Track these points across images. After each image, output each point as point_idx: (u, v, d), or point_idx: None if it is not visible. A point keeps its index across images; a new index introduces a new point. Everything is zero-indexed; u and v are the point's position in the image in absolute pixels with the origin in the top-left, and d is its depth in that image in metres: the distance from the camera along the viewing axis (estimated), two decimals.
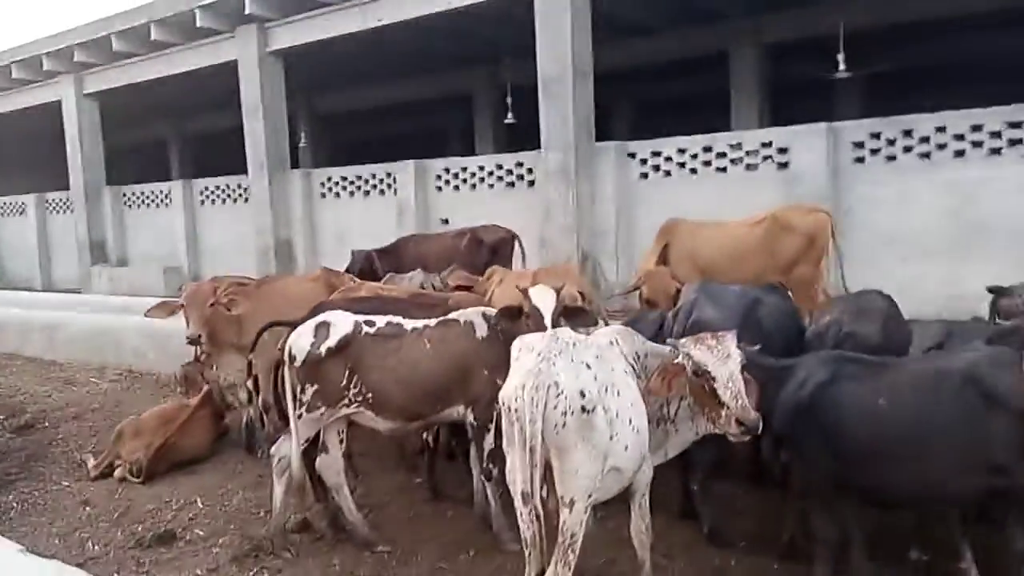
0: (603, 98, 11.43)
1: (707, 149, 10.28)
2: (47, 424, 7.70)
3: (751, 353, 3.68)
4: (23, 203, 20.70)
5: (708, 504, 4.60)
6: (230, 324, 6.01)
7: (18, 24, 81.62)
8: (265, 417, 6.16)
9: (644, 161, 10.76)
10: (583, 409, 3.22)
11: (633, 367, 3.72)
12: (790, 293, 5.85)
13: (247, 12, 13.59)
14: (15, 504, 5.71)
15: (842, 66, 13.60)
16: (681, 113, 20.40)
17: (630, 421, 3.48)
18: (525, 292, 4.47)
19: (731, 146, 10.11)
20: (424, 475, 5.43)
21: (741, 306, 4.74)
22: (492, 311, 4.60)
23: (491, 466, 4.53)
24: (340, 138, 24.89)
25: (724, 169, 10.17)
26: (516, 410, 3.25)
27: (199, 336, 5.90)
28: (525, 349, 3.47)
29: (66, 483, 6.10)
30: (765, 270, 6.92)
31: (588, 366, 3.37)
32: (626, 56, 16.03)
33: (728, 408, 3.44)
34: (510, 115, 15.04)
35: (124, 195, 18.25)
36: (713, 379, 3.48)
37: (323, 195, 14.53)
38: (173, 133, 26.35)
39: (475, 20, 13.14)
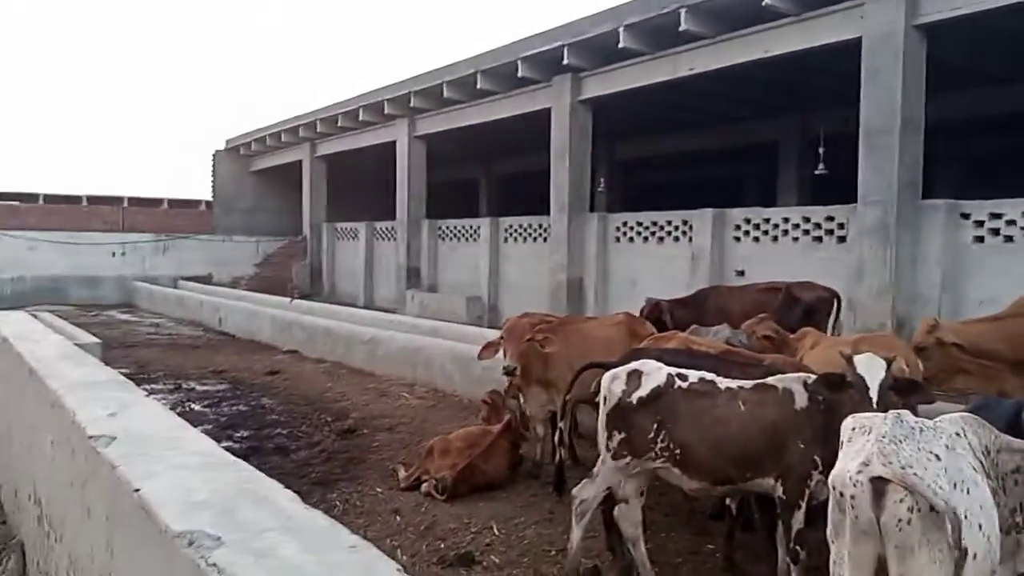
0: (930, 152, 10.46)
1: None
2: (366, 431, 8.53)
3: None
4: (356, 229, 23.66)
5: None
6: (540, 360, 6.26)
7: (364, 72, 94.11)
8: (562, 452, 6.34)
9: (980, 223, 9.63)
10: (932, 508, 2.88)
11: (982, 463, 3.26)
12: None
13: (564, 63, 14.43)
14: (338, 503, 6.32)
15: None
16: (1022, 172, 18.02)
17: (980, 527, 3.04)
18: (850, 359, 4.11)
19: None
20: (719, 543, 5.21)
21: None
22: (812, 379, 4.31)
23: (798, 547, 4.22)
24: (636, 183, 25.35)
25: None
26: (852, 497, 2.98)
27: (514, 368, 6.12)
28: (860, 429, 3.18)
29: (379, 490, 6.65)
30: None
31: (937, 457, 3.00)
32: (961, 107, 14.53)
33: None
34: (821, 166, 14.26)
35: (439, 228, 20.10)
36: None
37: (617, 239, 14.83)
38: (483, 173, 28.61)
39: (790, 68, 12.74)
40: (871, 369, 4.05)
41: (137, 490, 2.49)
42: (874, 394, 3.96)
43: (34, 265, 24.49)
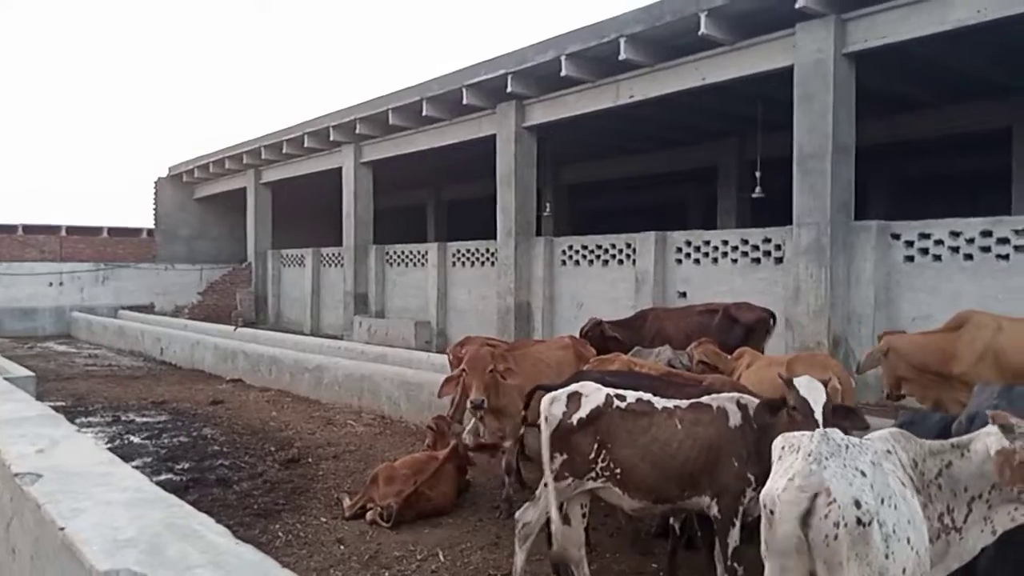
0: (861, 174, 10.84)
1: (986, 234, 9.32)
2: (310, 460, 8.43)
3: None
4: (302, 256, 23.42)
5: None
6: (495, 388, 6.24)
7: (308, 99, 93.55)
8: (507, 478, 6.35)
9: (910, 243, 9.99)
10: (858, 521, 2.96)
11: (911, 477, 3.38)
12: None
13: (508, 90, 14.60)
14: (280, 534, 6.22)
15: None
16: (947, 192, 18.80)
17: (908, 540, 3.15)
18: (789, 382, 4.23)
19: (1017, 232, 9.08)
20: (663, 562, 5.27)
21: None
22: (748, 399, 4.42)
23: (735, 564, 4.31)
24: (582, 207, 25.67)
25: (1006, 256, 9.14)
26: (780, 514, 3.07)
27: (482, 402, 6.03)
28: (789, 448, 3.27)
29: (323, 519, 6.58)
30: None
31: (863, 473, 3.10)
32: (888, 131, 15.13)
33: None
34: (758, 189, 14.65)
35: (387, 253, 20.03)
36: None
37: (564, 262, 14.97)
38: (431, 198, 28.63)
39: (727, 95, 13.11)
40: (812, 392, 4.17)
41: (62, 528, 2.44)
42: (819, 416, 4.07)
43: None
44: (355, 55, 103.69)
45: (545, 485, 4.54)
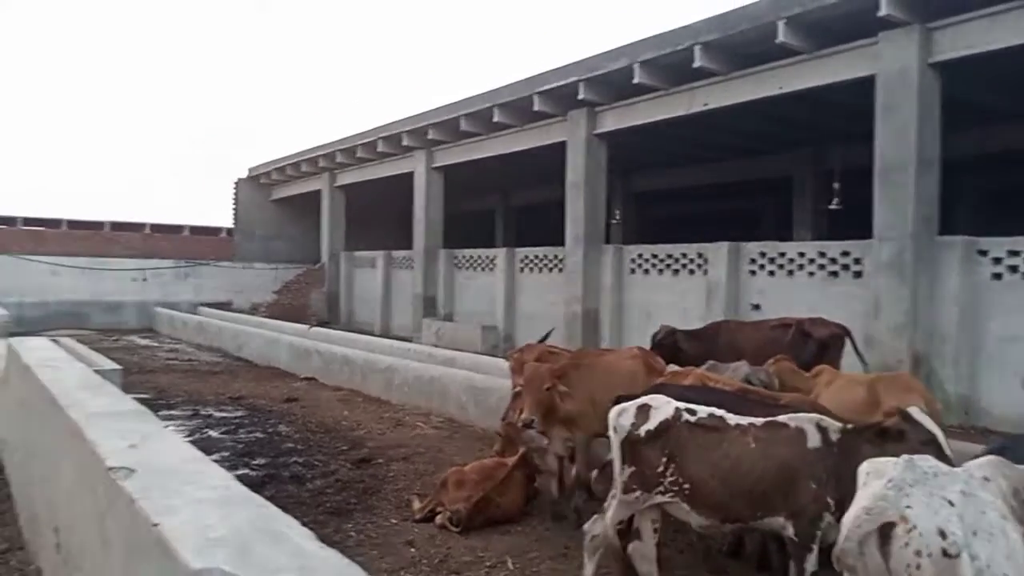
0: (946, 188, 10.46)
1: None
2: (381, 460, 8.55)
3: None
4: (374, 258, 23.85)
5: None
6: (559, 400, 6.25)
7: (383, 104, 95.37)
8: (577, 490, 6.34)
9: (998, 260, 9.59)
10: (944, 553, 2.87)
11: (1013, 508, 3.21)
12: None
13: (580, 97, 14.59)
14: (352, 534, 6.32)
15: None
16: None
17: None
18: (904, 413, 4.13)
19: None
20: None
21: None
22: (828, 421, 4.31)
23: None
24: (652, 216, 25.43)
25: None
26: (860, 542, 2.99)
27: (533, 421, 6.04)
28: (874, 474, 3.19)
29: (394, 520, 6.65)
30: None
31: (951, 503, 3.00)
32: (975, 143, 14.56)
33: None
34: (836, 200, 14.27)
35: (456, 257, 20.22)
36: None
37: (632, 271, 14.86)
38: (500, 204, 28.80)
39: (806, 104, 12.82)
40: (930, 422, 4.08)
41: (156, 524, 2.53)
42: (947, 448, 3.96)
43: (56, 290, 24.84)
44: (430, 63, 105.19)
45: (612, 497, 4.53)
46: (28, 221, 28.12)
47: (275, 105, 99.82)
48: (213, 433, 9.81)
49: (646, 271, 14.61)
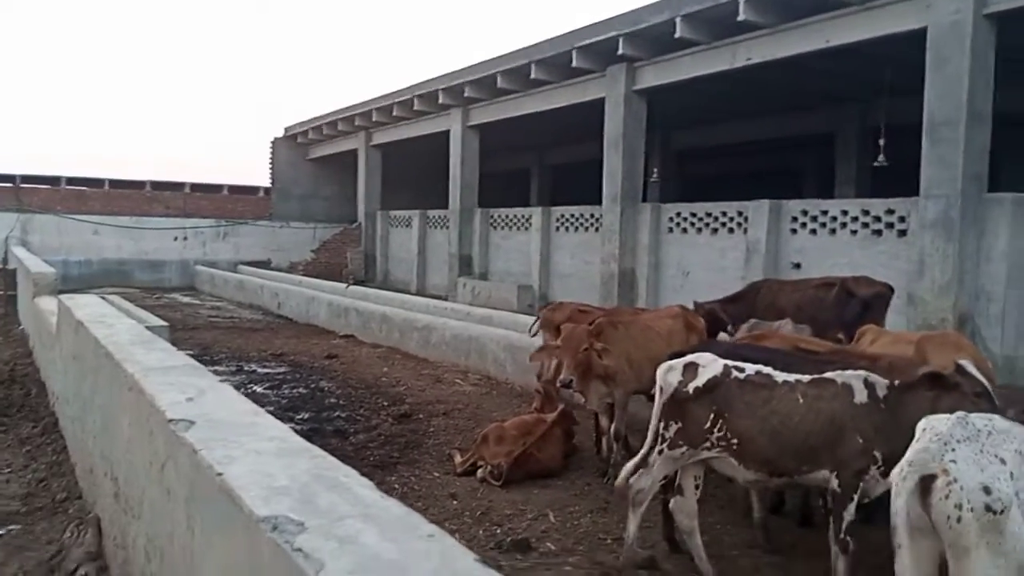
0: (996, 144, 10.16)
1: None
2: (421, 416, 8.70)
3: None
4: (409, 217, 23.93)
5: None
6: (599, 361, 6.27)
7: (419, 62, 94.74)
8: (615, 445, 6.39)
9: None
10: (987, 508, 2.87)
11: None
12: None
13: (619, 52, 14.35)
14: (397, 487, 6.45)
15: None
16: None
17: None
18: (958, 366, 4.13)
19: None
20: (776, 536, 5.20)
21: None
22: (875, 377, 4.29)
23: (848, 537, 4.23)
24: (691, 173, 25.10)
25: None
26: (902, 493, 3.01)
27: (571, 381, 6.09)
28: (929, 430, 3.18)
29: (436, 474, 6.80)
30: None
31: (1003, 461, 2.99)
32: None
33: None
34: (881, 157, 13.94)
35: (491, 217, 20.20)
36: None
37: (671, 229, 14.73)
38: (536, 162, 28.60)
39: (851, 58, 12.46)
40: (977, 373, 4.08)
41: (220, 474, 2.60)
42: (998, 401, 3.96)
43: (100, 249, 25.39)
44: (466, 19, 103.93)
45: (658, 453, 4.56)
46: (71, 180, 28.60)
47: (312, 64, 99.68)
48: (258, 388, 10.03)
49: (684, 230, 14.47)
